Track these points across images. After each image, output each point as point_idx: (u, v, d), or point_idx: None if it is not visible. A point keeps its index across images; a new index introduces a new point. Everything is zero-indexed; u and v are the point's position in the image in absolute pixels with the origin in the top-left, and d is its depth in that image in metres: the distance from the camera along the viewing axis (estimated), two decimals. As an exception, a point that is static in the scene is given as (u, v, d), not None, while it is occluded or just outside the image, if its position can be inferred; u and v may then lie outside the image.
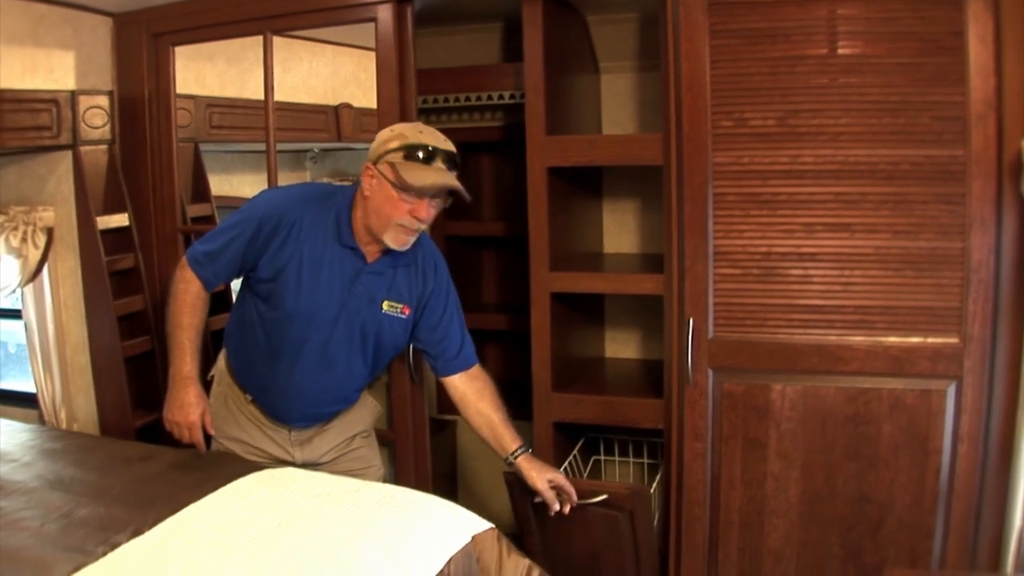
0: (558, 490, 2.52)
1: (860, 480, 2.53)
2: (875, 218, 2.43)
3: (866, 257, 2.45)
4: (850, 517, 2.55)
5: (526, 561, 2.30)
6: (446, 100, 3.54)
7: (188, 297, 2.44)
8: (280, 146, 3.68)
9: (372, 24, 2.85)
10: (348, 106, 3.63)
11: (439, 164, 2.27)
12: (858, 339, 2.47)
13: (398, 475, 3.06)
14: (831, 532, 2.58)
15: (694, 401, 2.63)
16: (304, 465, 2.61)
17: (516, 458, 2.53)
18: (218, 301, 2.85)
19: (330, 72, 3.62)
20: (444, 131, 2.66)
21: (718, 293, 2.57)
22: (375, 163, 2.28)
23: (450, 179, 2.27)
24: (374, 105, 2.88)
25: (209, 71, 3.53)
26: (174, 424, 2.46)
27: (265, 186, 3.14)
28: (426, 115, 3.68)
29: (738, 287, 2.56)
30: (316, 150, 4.32)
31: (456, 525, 2.28)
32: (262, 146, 3.12)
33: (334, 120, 3.67)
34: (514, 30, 2.72)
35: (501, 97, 3.46)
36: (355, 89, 3.28)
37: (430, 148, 2.26)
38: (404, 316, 2.49)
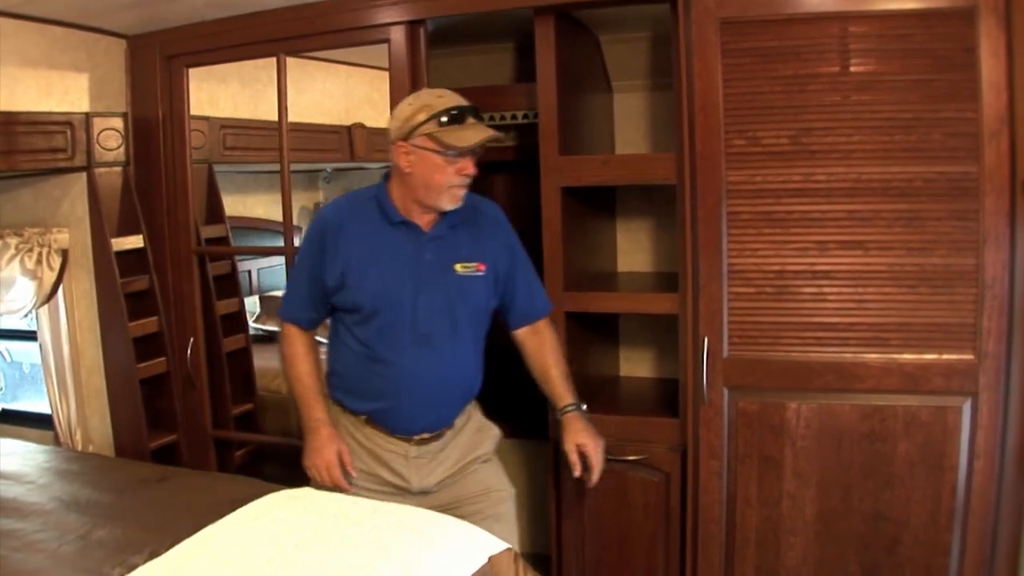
0: (583, 457, 2.53)
1: (876, 498, 2.50)
2: (888, 235, 2.41)
3: (880, 274, 2.43)
4: (866, 535, 2.53)
5: None
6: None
7: (293, 349, 2.47)
8: (294, 166, 3.67)
9: (386, 45, 2.86)
10: (361, 126, 3.63)
11: (471, 120, 2.29)
12: (873, 356, 2.45)
13: None
14: (848, 550, 2.55)
15: (709, 420, 2.61)
16: (420, 493, 2.53)
17: (563, 415, 2.55)
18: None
19: (343, 93, 3.62)
20: None
21: (732, 312, 2.55)
22: (407, 140, 2.29)
23: (487, 131, 2.30)
24: (387, 125, 2.86)
25: (222, 92, 3.54)
26: (313, 468, 2.43)
27: (279, 207, 3.13)
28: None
29: (752, 305, 2.54)
30: (329, 170, 4.33)
31: (474, 547, 2.25)
32: (276, 166, 3.12)
33: (347, 140, 3.68)
34: (527, 50, 2.73)
35: (515, 117, 3.45)
36: (368, 109, 3.28)
37: (458, 109, 2.29)
38: (481, 273, 2.47)
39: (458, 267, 2.44)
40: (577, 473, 2.52)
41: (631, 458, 2.83)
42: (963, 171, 2.33)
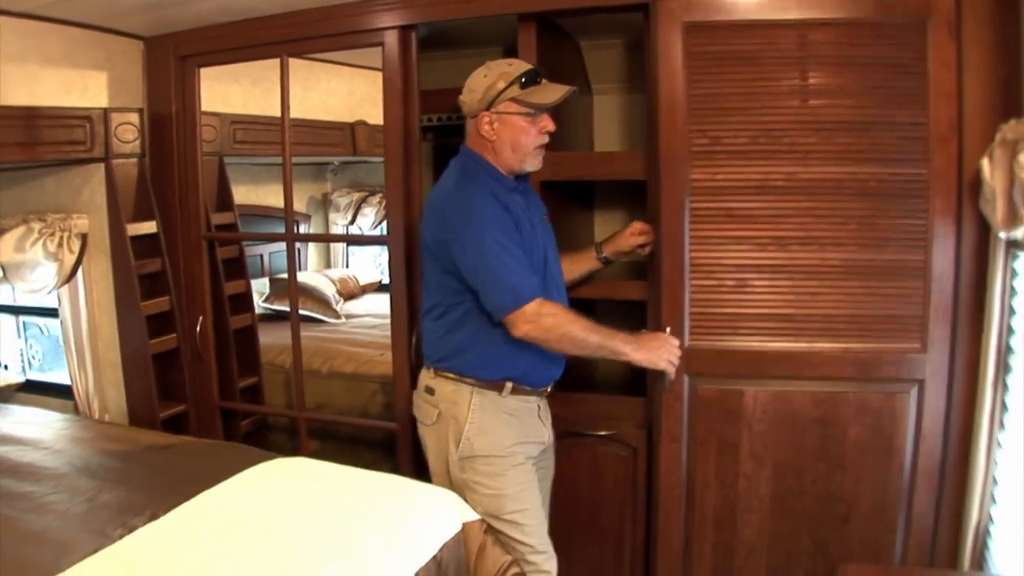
0: (640, 232, 2.74)
1: (828, 479, 2.57)
2: (843, 232, 2.47)
3: (834, 269, 2.49)
4: (818, 514, 2.60)
5: (508, 557, 2.35)
6: (448, 119, 3.60)
7: (565, 318, 2.29)
8: (303, 159, 3.77)
9: (380, 48, 2.93)
10: (363, 123, 3.72)
11: (543, 80, 2.37)
12: (826, 346, 2.52)
13: (399, 464, 3.14)
14: (801, 527, 2.62)
15: (670, 405, 2.67)
16: (549, 446, 2.62)
17: (603, 250, 2.79)
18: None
19: (347, 92, 3.71)
20: (445, 148, 2.69)
21: (694, 303, 2.61)
22: (490, 108, 2.34)
23: (563, 87, 2.36)
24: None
25: (234, 91, 3.63)
26: (662, 359, 2.38)
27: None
28: (430, 132, 3.75)
29: (713, 297, 2.60)
30: (336, 163, 4.42)
31: (450, 513, 2.35)
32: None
33: (350, 136, 3.76)
34: (513, 55, 2.78)
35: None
36: (370, 107, 3.36)
37: (533, 71, 2.35)
38: (549, 223, 2.58)
39: (544, 218, 2.56)
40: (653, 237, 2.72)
41: (602, 433, 2.91)
42: (914, 173, 2.39)
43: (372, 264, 5.07)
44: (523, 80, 2.32)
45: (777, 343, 2.56)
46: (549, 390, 2.59)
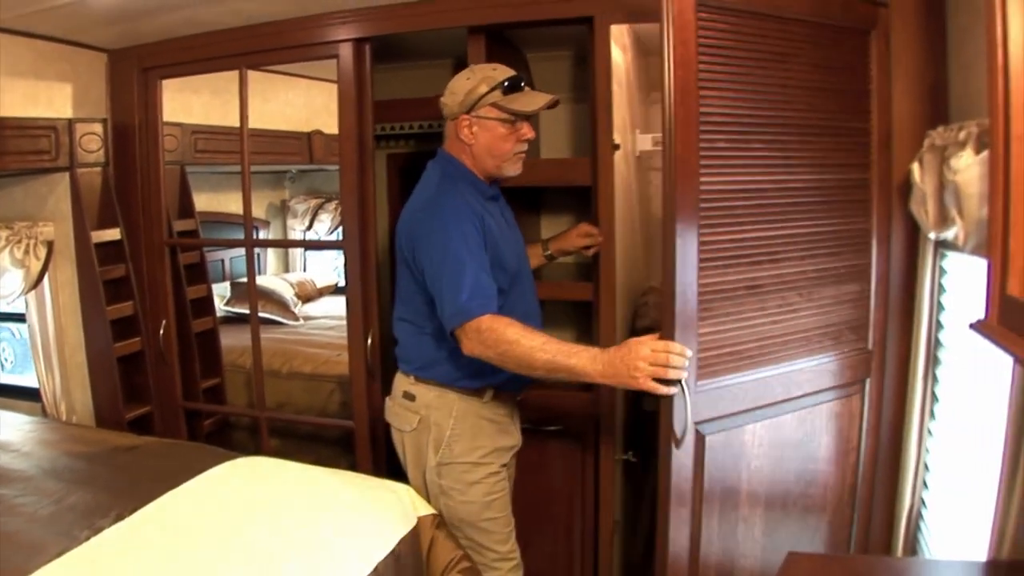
0: (586, 235, 2.77)
1: (805, 496, 2.39)
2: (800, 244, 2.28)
3: (811, 280, 2.29)
4: (798, 533, 2.41)
5: (459, 552, 2.40)
6: (401, 128, 3.69)
7: (510, 331, 2.09)
8: (262, 167, 3.83)
9: (335, 60, 2.99)
10: (320, 132, 3.77)
11: (527, 87, 2.32)
12: (808, 362, 2.30)
13: (357, 461, 3.20)
14: (784, 550, 2.23)
15: (679, 464, 2.42)
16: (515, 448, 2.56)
17: (548, 247, 2.83)
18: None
19: (304, 103, 3.76)
20: (399, 156, 2.74)
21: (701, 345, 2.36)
22: (470, 112, 2.29)
23: (546, 95, 2.32)
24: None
25: (196, 102, 3.67)
26: (650, 366, 1.93)
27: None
28: (385, 141, 3.85)
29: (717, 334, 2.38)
30: (294, 171, 4.49)
31: (406, 507, 2.40)
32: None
33: (307, 145, 3.82)
34: (463, 67, 2.81)
35: None
36: (327, 118, 3.42)
37: (517, 77, 2.30)
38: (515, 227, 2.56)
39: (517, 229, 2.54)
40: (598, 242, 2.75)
41: (551, 428, 2.98)
42: (860, 178, 2.34)
43: (329, 267, 5.13)
44: (506, 85, 2.27)
45: (769, 368, 2.23)
46: (521, 396, 2.59)
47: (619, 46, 2.76)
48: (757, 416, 2.23)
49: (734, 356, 2.15)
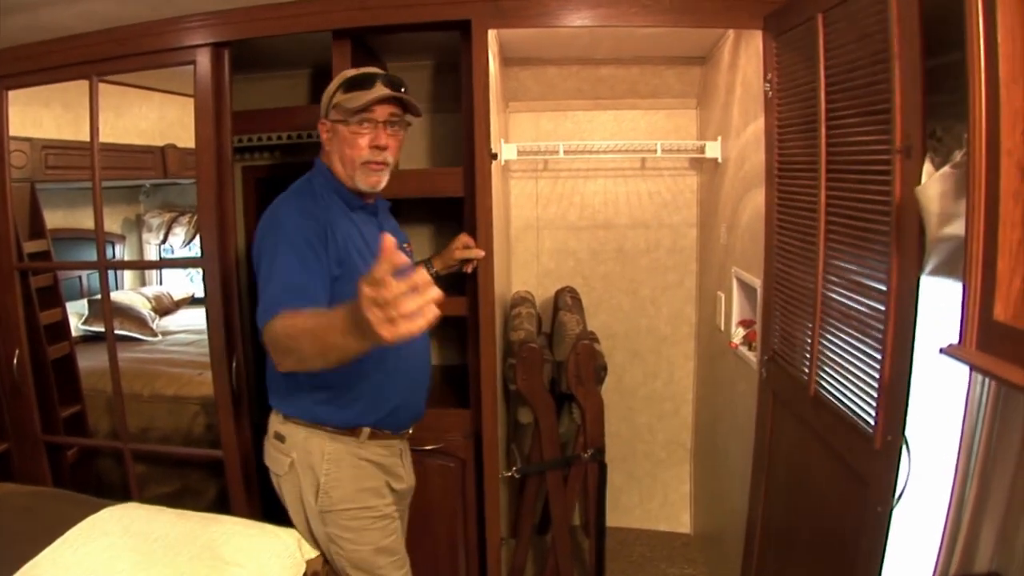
0: (465, 247, 2.70)
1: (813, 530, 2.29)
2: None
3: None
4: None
5: None
6: (259, 139, 3.60)
7: (288, 321, 1.72)
8: (116, 182, 3.67)
9: (192, 67, 2.83)
10: (173, 146, 3.65)
11: (379, 85, 2.10)
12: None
13: (232, 501, 3.02)
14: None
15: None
16: (407, 491, 2.43)
17: (433, 266, 2.69)
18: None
19: (158, 116, 3.63)
20: (258, 168, 2.60)
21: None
22: (326, 116, 2.16)
23: (384, 90, 2.09)
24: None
25: (46, 115, 3.45)
26: (383, 311, 1.31)
27: (104, 219, 3.09)
28: (241, 153, 3.74)
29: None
30: (148, 185, 4.35)
31: (293, 554, 2.25)
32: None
33: (161, 159, 3.69)
34: (322, 75, 2.76)
35: (310, 136, 3.49)
36: (180, 131, 3.31)
37: (366, 74, 2.12)
38: (410, 252, 2.38)
39: (405, 247, 2.32)
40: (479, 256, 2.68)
41: (429, 447, 2.92)
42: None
43: (185, 278, 5.00)
44: (348, 85, 2.11)
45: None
46: (411, 431, 2.43)
47: (491, 53, 2.74)
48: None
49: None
